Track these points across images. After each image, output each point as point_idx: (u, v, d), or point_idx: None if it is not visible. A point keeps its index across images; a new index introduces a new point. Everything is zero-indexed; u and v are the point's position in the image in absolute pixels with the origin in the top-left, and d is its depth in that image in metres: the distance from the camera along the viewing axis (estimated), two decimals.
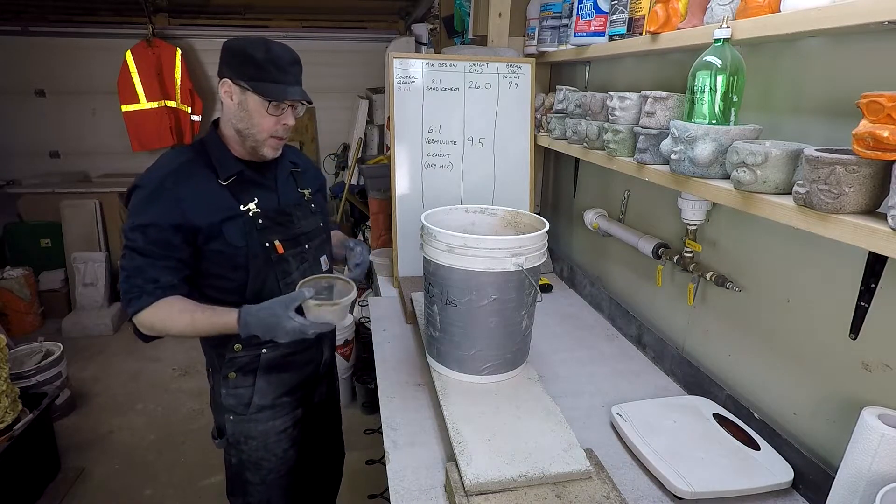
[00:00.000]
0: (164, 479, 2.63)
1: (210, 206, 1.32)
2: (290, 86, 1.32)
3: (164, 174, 1.32)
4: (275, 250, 1.40)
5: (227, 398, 1.47)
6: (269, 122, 1.33)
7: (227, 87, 1.32)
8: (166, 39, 4.72)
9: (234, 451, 1.52)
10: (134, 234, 1.29)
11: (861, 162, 0.81)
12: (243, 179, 1.38)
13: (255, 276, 1.39)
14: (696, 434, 1.26)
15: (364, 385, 3.05)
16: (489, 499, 1.04)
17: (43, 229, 4.40)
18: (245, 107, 1.32)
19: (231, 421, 1.49)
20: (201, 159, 1.37)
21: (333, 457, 1.90)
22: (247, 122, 1.33)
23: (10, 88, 4.70)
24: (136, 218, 1.29)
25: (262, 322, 1.25)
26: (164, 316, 1.29)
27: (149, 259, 1.28)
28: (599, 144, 1.61)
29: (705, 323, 1.51)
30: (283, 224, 1.43)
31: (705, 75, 1.12)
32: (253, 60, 1.28)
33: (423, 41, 4.07)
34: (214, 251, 1.34)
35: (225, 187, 1.35)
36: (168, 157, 1.40)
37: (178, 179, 1.32)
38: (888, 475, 0.86)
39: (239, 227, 1.35)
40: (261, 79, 1.29)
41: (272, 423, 1.51)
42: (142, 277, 1.28)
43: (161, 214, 1.28)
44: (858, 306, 1.02)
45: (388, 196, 2.27)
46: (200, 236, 1.32)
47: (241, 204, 1.36)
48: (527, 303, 1.39)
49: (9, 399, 2.31)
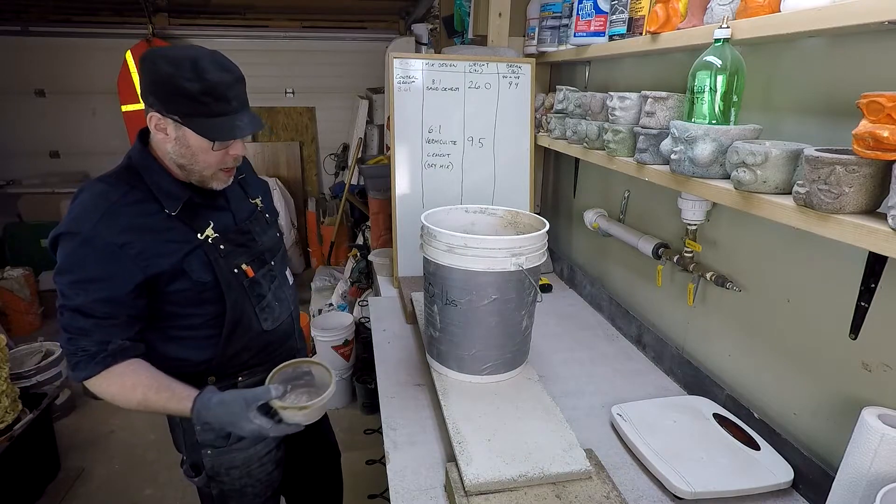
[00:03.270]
0: (164, 479, 2.63)
1: (165, 245, 1.14)
2: (235, 115, 1.13)
3: (97, 218, 1.09)
4: (245, 275, 1.25)
5: (202, 434, 1.32)
6: (216, 158, 1.15)
7: (158, 121, 1.11)
8: (166, 39, 4.71)
9: (213, 484, 1.38)
10: (72, 291, 1.09)
11: (861, 162, 0.81)
12: (193, 204, 1.19)
13: (232, 307, 1.24)
14: (696, 434, 1.26)
15: (364, 385, 3.05)
16: (489, 499, 1.04)
17: (43, 229, 4.39)
18: (184, 142, 1.12)
19: (209, 455, 1.35)
20: (137, 190, 1.15)
21: (329, 461, 1.84)
22: (189, 158, 1.14)
23: (10, 88, 4.70)
24: (73, 273, 1.10)
25: (218, 419, 1.12)
26: (115, 390, 1.14)
27: (93, 319, 1.10)
28: (599, 144, 1.61)
29: (705, 323, 1.51)
30: (244, 245, 1.28)
31: (705, 75, 1.12)
32: (185, 93, 1.06)
33: (423, 41, 4.07)
34: (177, 291, 1.17)
35: (175, 217, 1.16)
36: (93, 193, 1.13)
37: (116, 222, 1.10)
38: (888, 475, 0.86)
39: (201, 258, 1.18)
40: (198, 114, 1.09)
41: (254, 450, 1.38)
42: (87, 340, 1.11)
43: (101, 269, 1.09)
44: (858, 306, 1.02)
45: (388, 196, 2.27)
46: (161, 281, 1.15)
47: (197, 232, 1.19)
48: (527, 303, 1.39)
49: (9, 399, 2.31)
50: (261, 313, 1.30)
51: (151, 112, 1.11)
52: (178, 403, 1.14)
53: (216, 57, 1.11)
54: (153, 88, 1.09)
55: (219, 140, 1.13)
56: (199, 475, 1.37)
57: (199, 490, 1.42)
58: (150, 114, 1.12)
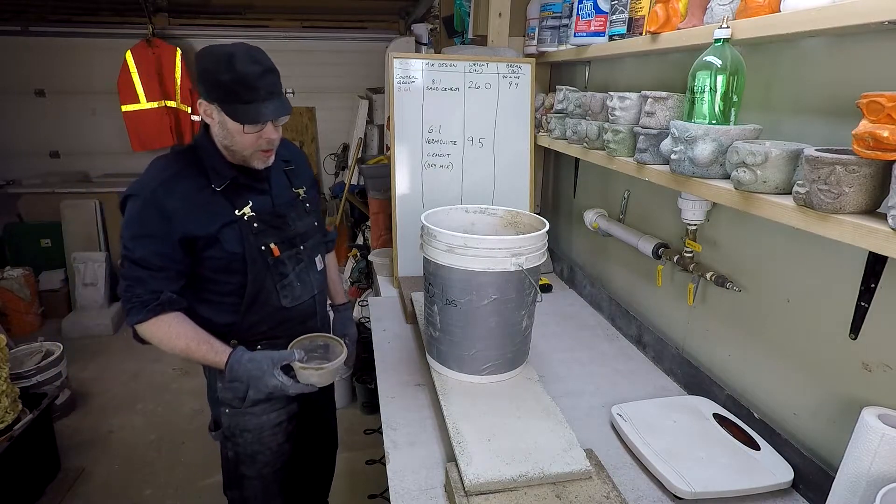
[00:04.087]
0: (164, 479, 2.63)
1: (206, 215, 1.33)
2: (262, 103, 1.27)
3: (156, 185, 1.31)
4: (271, 253, 1.41)
5: (222, 392, 1.48)
6: (251, 140, 1.32)
7: (205, 108, 1.31)
8: (166, 39, 4.71)
9: (230, 445, 1.54)
10: (133, 244, 1.30)
11: (861, 162, 0.81)
12: (237, 184, 1.38)
13: (252, 280, 1.40)
14: (696, 434, 1.26)
15: (364, 385, 3.04)
16: (489, 499, 1.04)
17: (43, 229, 4.40)
18: (224, 126, 1.30)
19: (227, 414, 1.51)
20: (194, 167, 1.35)
21: (327, 451, 1.93)
22: (230, 140, 1.32)
23: (10, 88, 4.70)
24: (134, 228, 1.30)
25: (248, 373, 1.31)
26: (162, 336, 1.32)
27: (148, 270, 1.30)
28: (599, 144, 1.61)
29: (705, 323, 1.51)
30: (277, 227, 1.44)
31: (705, 75, 1.12)
32: (220, 83, 1.24)
33: (423, 41, 4.07)
34: (211, 258, 1.36)
35: (219, 193, 1.35)
36: (159, 165, 1.37)
37: (171, 189, 1.30)
38: (888, 475, 0.86)
39: (235, 232, 1.36)
40: (231, 101, 1.26)
41: (267, 417, 1.52)
42: (142, 288, 1.30)
43: (157, 226, 1.29)
44: (858, 306, 1.02)
45: (388, 196, 2.27)
46: (199, 244, 1.33)
47: (236, 209, 1.37)
48: (527, 303, 1.38)
49: (9, 399, 2.31)
50: (282, 290, 1.45)
51: (201, 100, 1.31)
52: (214, 356, 1.33)
53: (251, 52, 1.27)
54: (201, 80, 1.29)
55: (245, 123, 1.27)
56: (217, 430, 1.55)
57: (221, 451, 1.59)
58: (200, 101, 1.31)
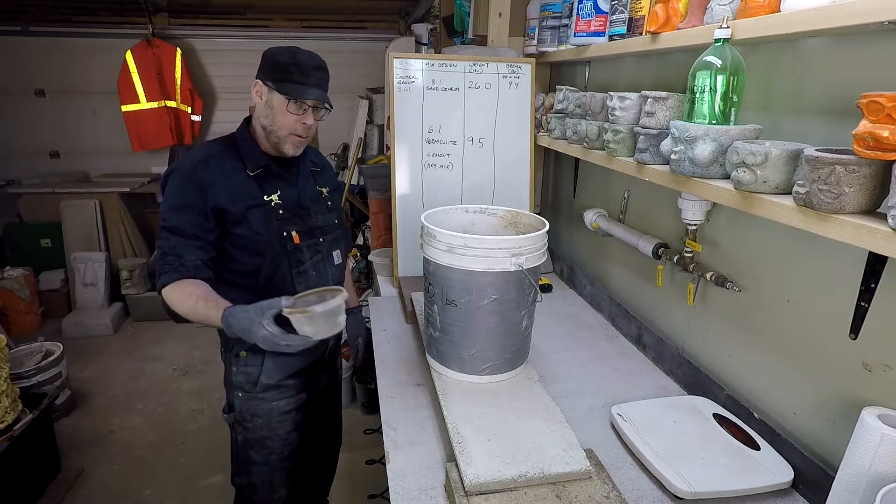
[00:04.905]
0: (164, 479, 2.63)
1: (238, 194, 1.44)
2: (310, 87, 1.42)
3: (197, 161, 1.43)
4: (291, 240, 1.49)
5: (236, 375, 1.56)
6: (290, 120, 1.43)
7: (258, 87, 1.45)
8: (166, 39, 4.71)
9: (240, 429, 1.60)
10: (170, 214, 1.39)
11: (861, 162, 0.81)
12: (269, 172, 1.50)
13: (269, 262, 1.48)
14: (696, 434, 1.26)
15: (364, 385, 3.04)
16: (489, 499, 1.04)
17: (43, 229, 4.39)
18: (270, 104, 1.43)
19: (239, 398, 1.57)
20: (232, 151, 1.49)
21: (330, 446, 1.95)
22: (271, 118, 1.44)
23: (10, 88, 4.70)
24: (172, 200, 1.40)
25: (240, 324, 1.26)
26: (178, 296, 1.36)
27: (181, 238, 1.38)
28: (599, 144, 1.61)
29: (705, 323, 1.51)
30: (300, 217, 1.53)
31: (705, 75, 1.12)
32: (279, 64, 1.42)
33: (423, 41, 4.07)
34: (238, 235, 1.44)
35: (252, 178, 1.47)
36: (202, 147, 1.52)
37: (209, 166, 1.43)
38: (888, 475, 0.86)
39: (262, 215, 1.46)
40: (284, 80, 1.41)
41: (276, 404, 1.58)
42: (173, 254, 1.38)
43: (194, 197, 1.39)
44: (858, 306, 1.02)
45: (388, 196, 2.27)
46: (228, 219, 1.42)
47: (265, 194, 1.47)
48: (527, 303, 1.38)
49: (9, 399, 2.31)
50: (297, 276, 1.52)
51: (257, 80, 1.45)
52: (215, 311, 1.32)
53: (308, 51, 1.45)
54: (262, 63, 1.45)
55: (292, 97, 1.40)
56: (230, 413, 1.61)
57: (231, 435, 1.65)
58: (256, 81, 1.45)
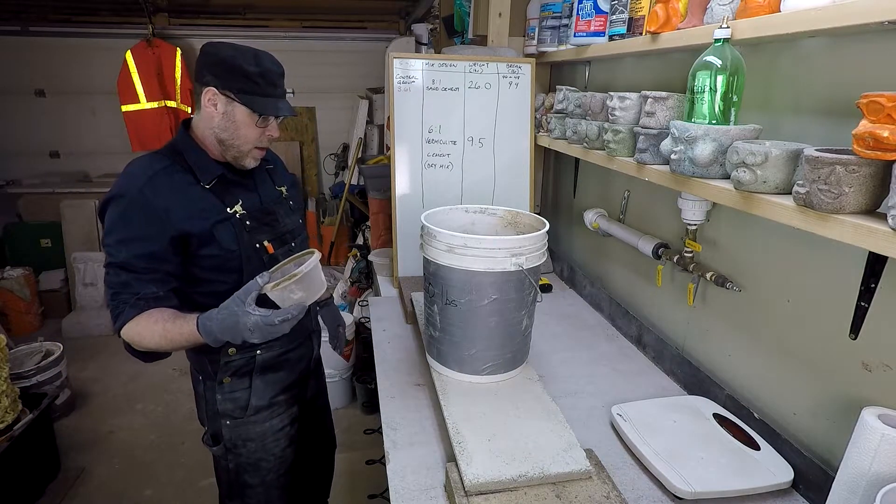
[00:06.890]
0: (164, 479, 2.63)
1: (198, 211, 1.29)
2: (279, 99, 1.33)
3: (142, 183, 1.24)
4: (265, 251, 1.40)
5: (222, 404, 1.44)
6: (255, 134, 1.32)
7: (212, 96, 1.28)
8: (166, 39, 4.71)
9: (230, 457, 1.50)
10: (117, 249, 1.23)
11: (861, 162, 0.81)
12: (225, 181, 1.36)
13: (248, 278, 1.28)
14: (696, 434, 1.26)
15: (364, 385, 3.05)
16: (489, 499, 1.04)
17: (43, 229, 4.39)
18: (231, 118, 1.29)
19: (228, 426, 1.46)
20: (178, 164, 1.31)
21: (326, 450, 1.92)
22: (231, 132, 1.31)
23: (10, 88, 4.70)
24: (119, 232, 1.23)
25: (223, 325, 1.14)
26: (141, 328, 1.21)
27: (133, 273, 1.23)
28: (599, 144, 1.61)
29: (705, 323, 1.51)
30: (268, 224, 1.43)
31: (705, 75, 1.12)
32: (243, 72, 1.26)
33: (423, 41, 4.07)
34: (206, 256, 1.31)
35: (208, 191, 1.32)
36: (141, 164, 1.30)
37: (158, 187, 1.25)
38: (888, 475, 0.86)
39: (229, 229, 1.33)
40: (251, 92, 1.28)
41: (269, 424, 1.50)
42: (128, 292, 1.23)
43: (146, 228, 1.23)
44: (858, 306, 1.02)
45: (388, 196, 2.27)
46: (193, 243, 1.29)
47: (227, 206, 1.34)
48: (527, 303, 1.38)
49: (9, 399, 2.31)
50: None
51: (208, 88, 1.28)
52: (188, 325, 1.19)
53: (268, 54, 1.32)
54: (213, 68, 1.28)
55: (265, 114, 1.30)
56: (217, 445, 1.49)
57: (216, 464, 1.53)
58: (207, 89, 1.28)
